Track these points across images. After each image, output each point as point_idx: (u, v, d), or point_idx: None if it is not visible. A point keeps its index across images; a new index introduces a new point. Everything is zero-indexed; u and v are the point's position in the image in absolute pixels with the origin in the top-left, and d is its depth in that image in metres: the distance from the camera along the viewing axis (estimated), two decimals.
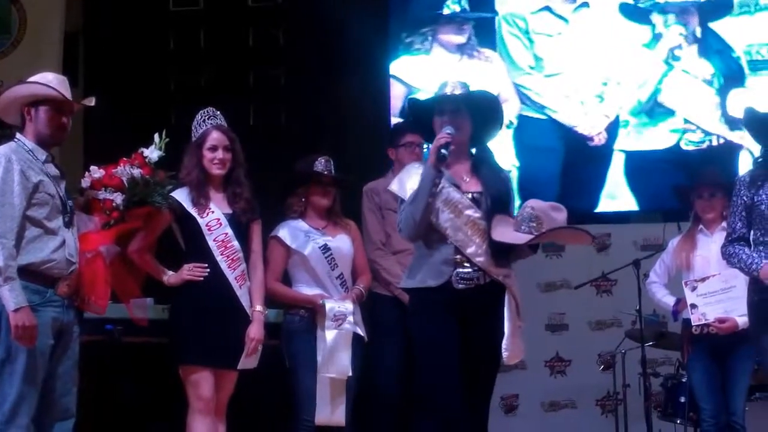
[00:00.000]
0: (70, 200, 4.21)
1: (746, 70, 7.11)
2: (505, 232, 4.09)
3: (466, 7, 7.47)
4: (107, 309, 4.41)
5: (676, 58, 7.21)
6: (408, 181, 4.19)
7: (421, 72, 7.41)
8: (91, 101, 4.36)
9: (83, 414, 5.22)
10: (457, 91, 4.24)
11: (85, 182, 4.48)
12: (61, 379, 4.13)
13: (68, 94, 4.19)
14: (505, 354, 4.11)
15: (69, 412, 4.16)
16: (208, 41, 7.69)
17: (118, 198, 4.41)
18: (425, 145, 5.20)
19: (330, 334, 4.85)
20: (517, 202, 4.93)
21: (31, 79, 4.20)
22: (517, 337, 4.15)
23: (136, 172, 4.48)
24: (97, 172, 4.48)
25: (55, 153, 4.33)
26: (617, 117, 7.28)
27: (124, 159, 4.54)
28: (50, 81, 4.17)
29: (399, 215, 4.21)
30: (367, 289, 5.16)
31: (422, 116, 4.32)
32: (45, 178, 4.08)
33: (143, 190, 4.47)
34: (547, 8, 7.38)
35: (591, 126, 7.28)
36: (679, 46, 7.21)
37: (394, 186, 4.29)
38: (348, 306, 4.94)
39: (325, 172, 5.03)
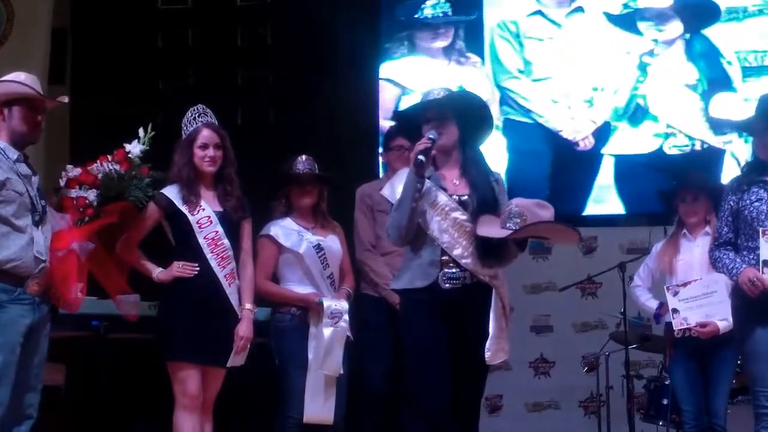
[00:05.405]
0: (43, 200, 4.16)
1: (732, 75, 7.13)
2: (490, 229, 4.10)
3: (449, 11, 7.48)
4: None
5: (650, 64, 7.24)
6: (398, 186, 4.20)
7: (413, 74, 7.42)
8: (65, 99, 4.34)
9: (68, 410, 5.22)
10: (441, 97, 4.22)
11: (62, 181, 4.45)
12: (26, 375, 4.05)
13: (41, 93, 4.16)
14: (487, 354, 4.11)
15: (30, 410, 4.08)
16: (197, 40, 7.67)
17: (91, 195, 4.38)
18: None
19: (327, 332, 4.86)
20: None
21: (4, 78, 4.15)
22: (501, 338, 4.15)
23: (114, 167, 4.45)
24: (73, 170, 4.46)
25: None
26: (606, 122, 7.30)
27: (104, 156, 4.51)
28: (23, 80, 4.12)
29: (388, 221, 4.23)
30: (353, 290, 5.17)
31: (411, 124, 4.33)
32: (13, 176, 4.03)
33: (118, 185, 4.43)
34: (539, 12, 7.40)
35: (576, 131, 7.31)
36: (654, 52, 7.24)
37: (386, 191, 4.34)
38: (344, 305, 4.96)
39: (304, 171, 5.01)
